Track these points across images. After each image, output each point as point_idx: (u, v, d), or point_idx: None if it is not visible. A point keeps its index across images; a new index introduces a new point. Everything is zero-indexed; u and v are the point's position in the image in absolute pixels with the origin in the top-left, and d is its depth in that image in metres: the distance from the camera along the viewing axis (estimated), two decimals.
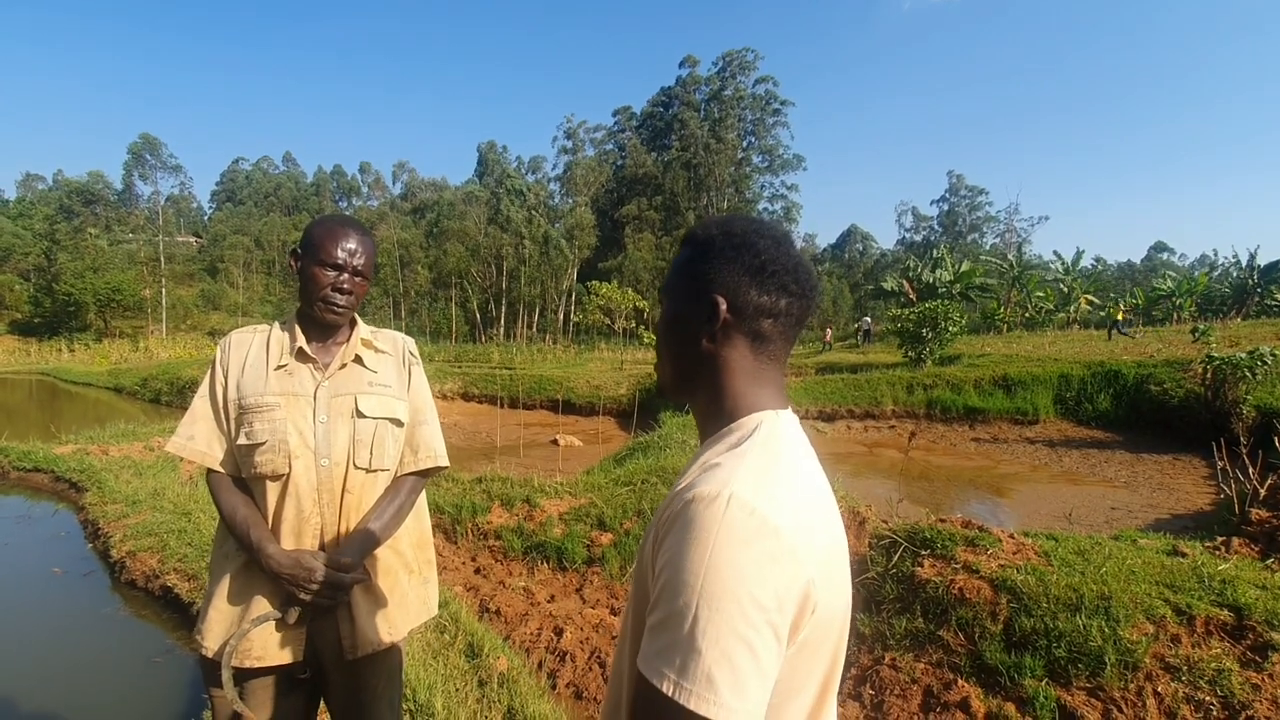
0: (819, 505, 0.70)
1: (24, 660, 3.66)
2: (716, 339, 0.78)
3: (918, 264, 32.00)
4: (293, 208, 71.08)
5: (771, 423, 0.74)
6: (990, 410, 12.00)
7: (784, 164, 57.67)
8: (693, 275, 0.81)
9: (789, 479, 0.68)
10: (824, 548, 0.66)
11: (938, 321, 14.73)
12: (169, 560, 4.56)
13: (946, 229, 62.84)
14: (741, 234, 0.80)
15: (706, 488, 0.63)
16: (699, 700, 0.56)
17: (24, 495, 7.07)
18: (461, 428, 12.71)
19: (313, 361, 1.51)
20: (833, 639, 0.69)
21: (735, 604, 0.57)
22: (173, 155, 54.82)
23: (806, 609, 0.62)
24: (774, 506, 0.62)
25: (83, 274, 44.58)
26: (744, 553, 0.59)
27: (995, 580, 3.35)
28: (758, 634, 0.58)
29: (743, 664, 0.57)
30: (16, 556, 5.29)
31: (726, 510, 0.61)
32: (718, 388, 0.78)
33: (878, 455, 10.49)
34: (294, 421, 1.45)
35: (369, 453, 1.50)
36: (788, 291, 0.78)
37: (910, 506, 6.30)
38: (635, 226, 51.71)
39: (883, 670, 3.21)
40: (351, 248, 1.49)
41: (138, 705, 3.27)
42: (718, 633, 0.57)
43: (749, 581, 0.58)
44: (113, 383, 21.79)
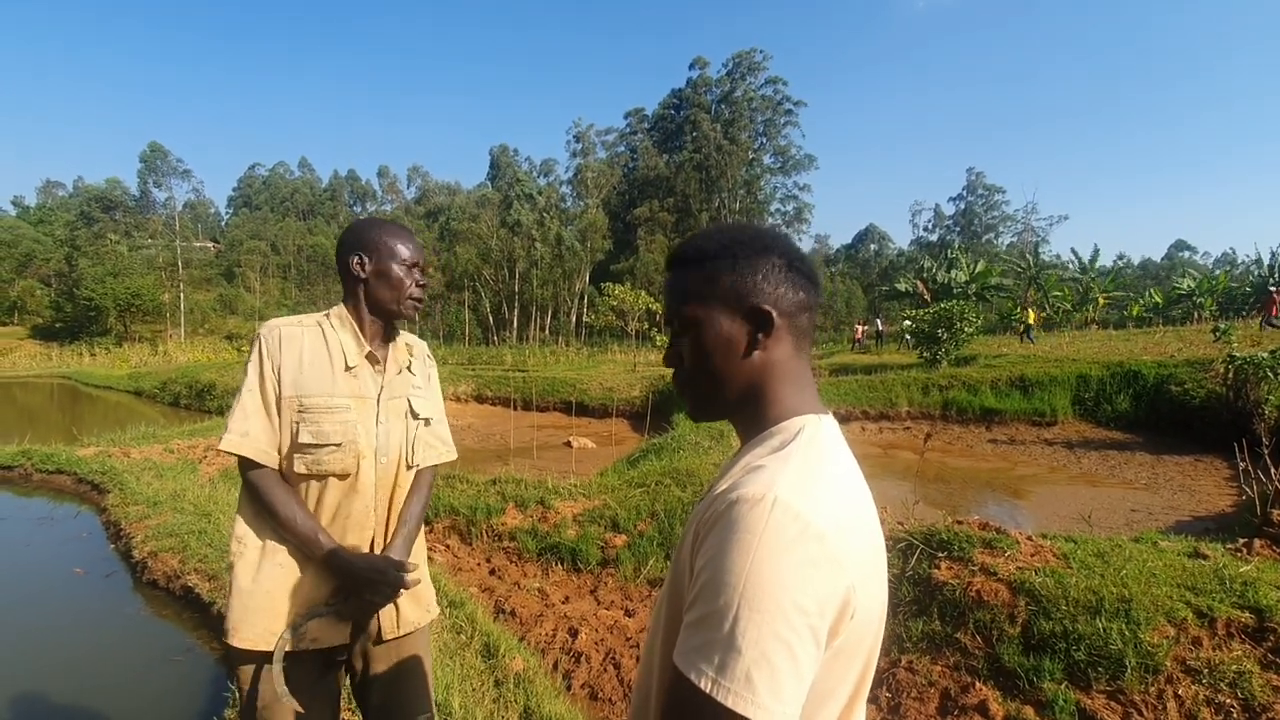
0: (860, 509, 0.70)
1: (48, 659, 3.72)
2: (768, 348, 0.77)
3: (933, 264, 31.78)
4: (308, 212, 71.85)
5: (814, 426, 0.74)
6: (1007, 411, 11.87)
7: (796, 164, 57.50)
8: (727, 291, 0.77)
9: (831, 483, 0.68)
10: (864, 552, 0.66)
11: (953, 322, 14.61)
12: (190, 561, 4.62)
13: (963, 228, 62.37)
14: (756, 234, 0.79)
15: (751, 489, 0.63)
16: (736, 698, 0.56)
17: (47, 497, 7.19)
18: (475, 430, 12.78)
19: (378, 364, 1.58)
20: (868, 643, 0.69)
21: (777, 606, 0.58)
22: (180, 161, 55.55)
23: (846, 614, 0.62)
24: (817, 511, 0.62)
25: (103, 279, 45.32)
26: (787, 556, 0.59)
27: (1013, 583, 3.32)
28: (798, 637, 0.58)
29: (782, 666, 0.57)
30: (40, 557, 5.39)
31: (771, 513, 0.61)
32: (763, 393, 0.77)
33: (893, 457, 10.42)
34: (362, 422, 1.52)
35: (414, 451, 1.61)
36: (813, 280, 0.79)
37: (926, 508, 6.25)
38: (648, 228, 51.76)
39: (899, 673, 3.19)
40: (419, 249, 1.62)
41: (159, 703, 3.31)
42: (758, 634, 0.57)
43: (791, 585, 0.58)
44: (133, 386, 22.11)
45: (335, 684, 1.60)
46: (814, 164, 57.68)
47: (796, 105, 56.42)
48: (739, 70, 56.16)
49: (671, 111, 59.84)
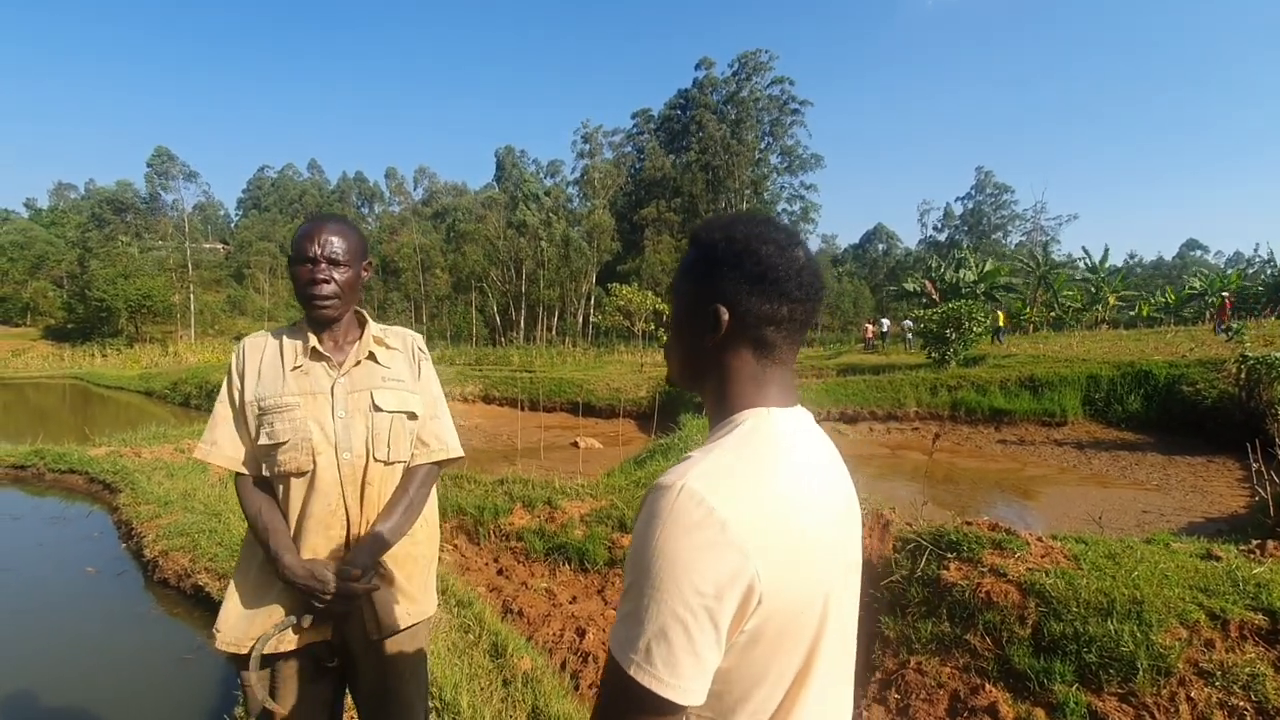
0: (798, 501, 0.71)
1: (60, 657, 3.76)
2: (721, 345, 0.80)
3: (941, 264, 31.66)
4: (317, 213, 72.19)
5: (758, 419, 0.76)
6: (1016, 412, 11.81)
7: (802, 164, 57.41)
8: (696, 281, 0.82)
9: (758, 474, 0.70)
10: (786, 542, 0.68)
11: (962, 322, 14.54)
12: (200, 560, 4.65)
13: (971, 228, 62.06)
14: (744, 240, 0.79)
15: (667, 478, 0.68)
16: (637, 669, 0.62)
17: (60, 496, 7.26)
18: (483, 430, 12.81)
19: (326, 360, 1.55)
20: (805, 634, 0.70)
21: (675, 587, 0.62)
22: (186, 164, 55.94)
23: (750, 601, 0.64)
24: (725, 499, 0.65)
25: (114, 280, 45.70)
26: (687, 540, 0.63)
27: (1023, 584, 3.30)
28: (694, 617, 0.62)
29: (677, 642, 0.62)
30: (53, 556, 5.43)
31: (677, 499, 0.64)
32: (721, 389, 0.81)
33: (901, 457, 10.38)
34: (315, 418, 1.50)
35: (386, 446, 1.55)
36: (790, 298, 0.79)
37: (935, 509, 6.21)
38: (654, 229, 51.77)
39: (908, 674, 3.18)
40: (323, 239, 1.51)
41: (169, 700, 3.34)
42: (658, 611, 0.62)
43: (690, 568, 0.62)
44: (144, 386, 22.30)
45: (328, 689, 1.58)
46: (821, 163, 57.58)
47: (803, 105, 56.35)
48: (745, 70, 56.10)
49: (678, 112, 59.83)
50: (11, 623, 4.20)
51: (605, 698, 0.67)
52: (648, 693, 0.62)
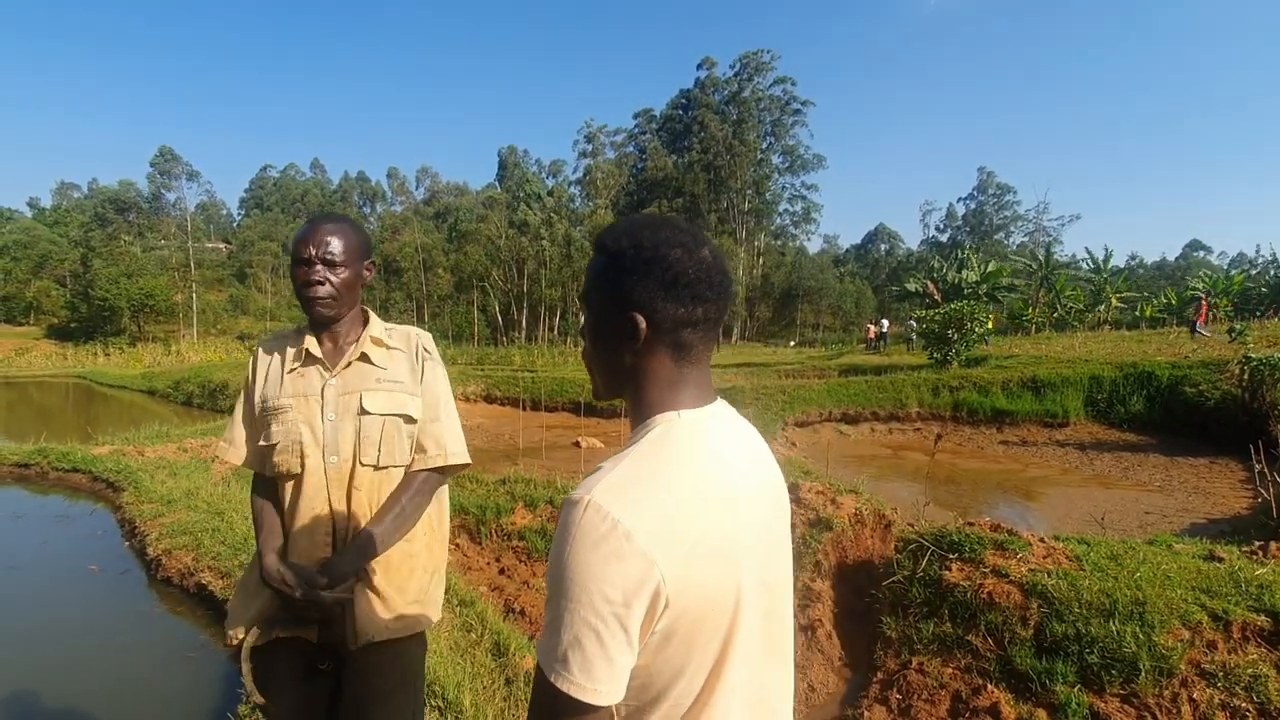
0: (704, 502, 0.74)
1: (64, 655, 3.77)
2: (639, 352, 0.81)
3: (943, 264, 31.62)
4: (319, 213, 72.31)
5: (668, 425, 0.78)
6: (1018, 412, 11.78)
7: (804, 164, 57.41)
8: (609, 290, 0.82)
9: (662, 480, 0.72)
10: (694, 545, 0.70)
11: (964, 323, 14.52)
12: (203, 558, 4.66)
13: (973, 228, 62.01)
14: (651, 246, 0.80)
15: (577, 492, 0.71)
16: (557, 677, 0.66)
17: (63, 495, 7.27)
18: (485, 430, 12.81)
19: (320, 362, 1.54)
20: (719, 627, 0.73)
21: (586, 597, 0.65)
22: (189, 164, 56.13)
23: (658, 604, 0.68)
24: (630, 512, 0.68)
25: (117, 280, 45.76)
26: (594, 553, 0.66)
27: (1025, 584, 3.30)
28: (604, 624, 0.65)
29: (590, 648, 0.65)
30: (56, 554, 5.45)
31: (585, 514, 0.68)
32: (639, 395, 0.83)
33: (903, 458, 10.38)
34: (306, 421, 1.50)
35: (376, 450, 1.51)
36: (703, 299, 0.80)
37: (937, 510, 6.22)
38: None
39: (910, 675, 3.18)
40: (318, 239, 1.50)
41: (173, 698, 3.35)
42: (571, 620, 0.66)
43: (598, 578, 0.66)
44: (146, 386, 22.34)
45: (322, 690, 1.55)
46: (822, 164, 57.63)
47: (804, 105, 56.39)
48: (747, 71, 56.15)
49: (680, 112, 59.86)
50: (16, 620, 4.21)
51: (534, 703, 0.70)
52: (569, 697, 0.66)
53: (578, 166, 59.72)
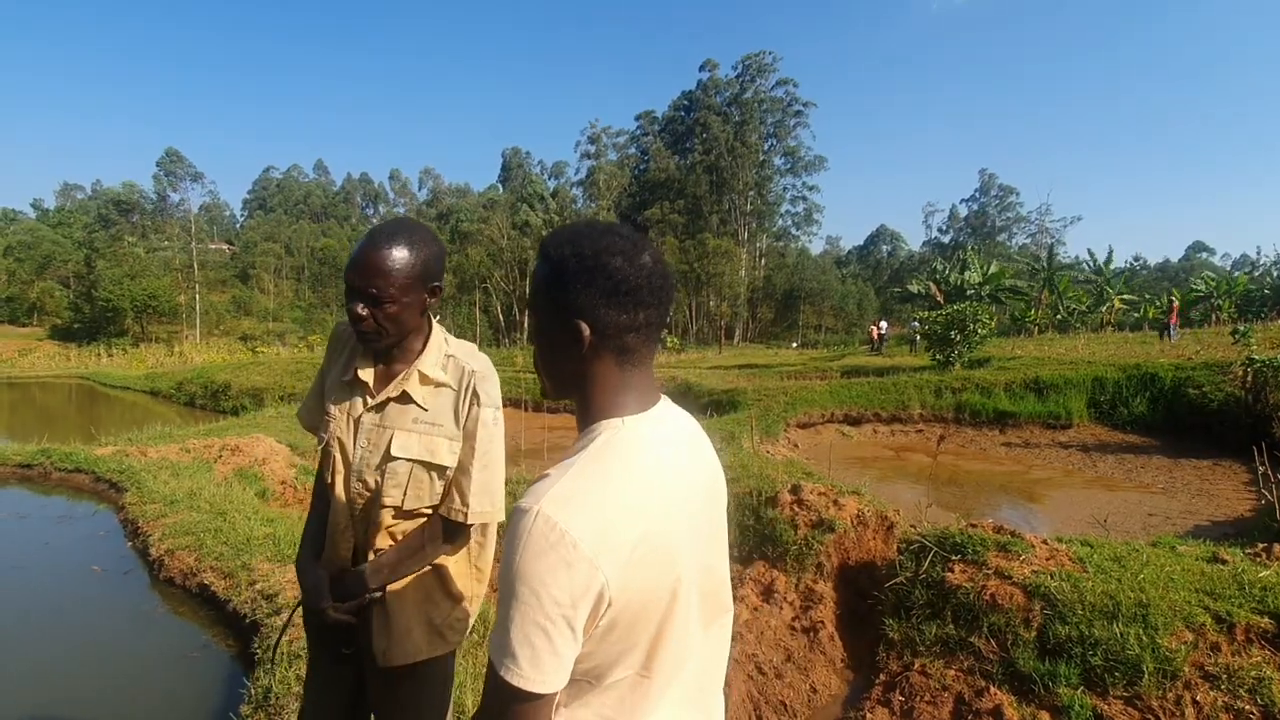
0: (645, 507, 0.78)
1: (67, 655, 3.77)
2: (584, 359, 0.84)
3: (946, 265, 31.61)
4: (321, 214, 72.46)
5: (611, 432, 0.82)
6: (1021, 414, 11.75)
7: (806, 165, 57.40)
8: (553, 298, 0.85)
9: (605, 489, 0.77)
10: (635, 549, 0.76)
11: (966, 324, 14.50)
12: (205, 559, 4.66)
13: (976, 229, 61.98)
14: (593, 255, 0.82)
15: (526, 501, 0.75)
16: (507, 671, 0.71)
17: (66, 495, 7.28)
18: None
19: (365, 387, 1.47)
20: (656, 615, 0.79)
21: (536, 600, 0.71)
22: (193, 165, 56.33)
23: (601, 604, 0.74)
24: (575, 520, 0.72)
25: (120, 281, 45.90)
26: (543, 560, 0.71)
27: (1028, 586, 3.29)
28: (553, 624, 0.71)
29: (540, 645, 0.71)
30: (58, 555, 5.46)
31: (535, 523, 0.72)
32: (585, 399, 0.87)
33: (905, 459, 10.36)
34: (340, 437, 1.48)
35: (401, 493, 1.44)
36: (644, 305, 0.84)
37: (939, 511, 6.21)
38: (658, 230, 51.78)
39: (912, 676, 3.17)
40: (366, 269, 1.35)
41: (175, 698, 3.35)
42: (522, 621, 0.71)
43: (548, 583, 0.70)
44: (149, 386, 22.39)
45: (350, 673, 1.56)
46: (824, 165, 57.63)
47: (806, 106, 56.41)
48: (749, 72, 56.19)
49: (681, 113, 59.92)
50: (19, 621, 4.22)
51: (486, 696, 0.76)
52: (518, 689, 0.71)
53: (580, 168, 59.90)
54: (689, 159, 56.23)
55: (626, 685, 0.81)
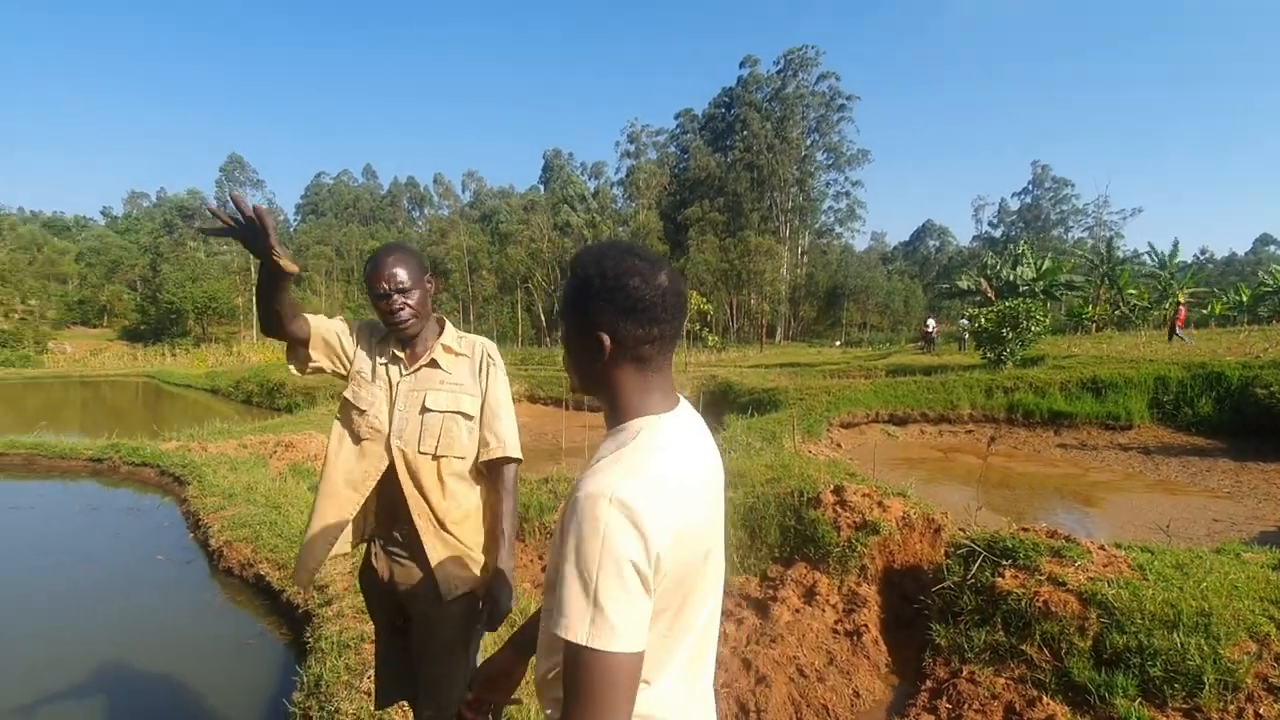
0: (685, 490, 0.91)
1: (133, 641, 3.98)
2: (607, 365, 0.96)
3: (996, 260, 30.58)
4: (370, 218, 74.36)
5: (650, 428, 0.94)
6: (1078, 415, 11.30)
7: (849, 160, 56.34)
8: (579, 310, 0.98)
9: (657, 475, 0.88)
10: (678, 524, 0.88)
11: (1019, 321, 14.02)
12: (261, 550, 4.85)
13: (1029, 223, 59.82)
14: (614, 275, 0.93)
15: (592, 488, 0.84)
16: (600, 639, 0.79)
17: (133, 488, 7.67)
18: (528, 429, 12.99)
19: (401, 362, 1.82)
20: (687, 581, 0.92)
21: (617, 570, 0.81)
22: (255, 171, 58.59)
23: (660, 569, 0.85)
24: (639, 499, 0.83)
25: (183, 284, 48.00)
26: (621, 536, 0.81)
27: (1084, 593, 3.18)
28: (636, 589, 0.82)
29: (628, 610, 0.81)
30: (126, 545, 5.75)
31: (607, 506, 0.82)
32: (612, 398, 0.99)
33: (954, 460, 10.09)
34: (379, 403, 1.80)
35: (436, 440, 1.77)
36: (659, 321, 0.95)
37: (989, 514, 6.03)
38: (699, 229, 51.55)
39: (960, 684, 3.10)
40: (390, 273, 1.74)
41: (233, 684, 3.50)
42: (609, 592, 0.80)
43: (626, 555, 0.81)
44: (209, 385, 23.34)
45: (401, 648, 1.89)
46: (868, 158, 56.46)
47: (850, 100, 55.33)
48: (791, 67, 55.42)
49: (722, 110, 59.48)
50: (90, 608, 4.47)
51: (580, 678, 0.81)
52: (617, 654, 0.80)
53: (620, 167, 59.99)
54: (729, 156, 55.78)
55: (656, 638, 0.90)
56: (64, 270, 59.64)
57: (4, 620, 4.27)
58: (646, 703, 0.93)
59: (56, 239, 64.70)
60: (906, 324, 47.40)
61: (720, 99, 59.95)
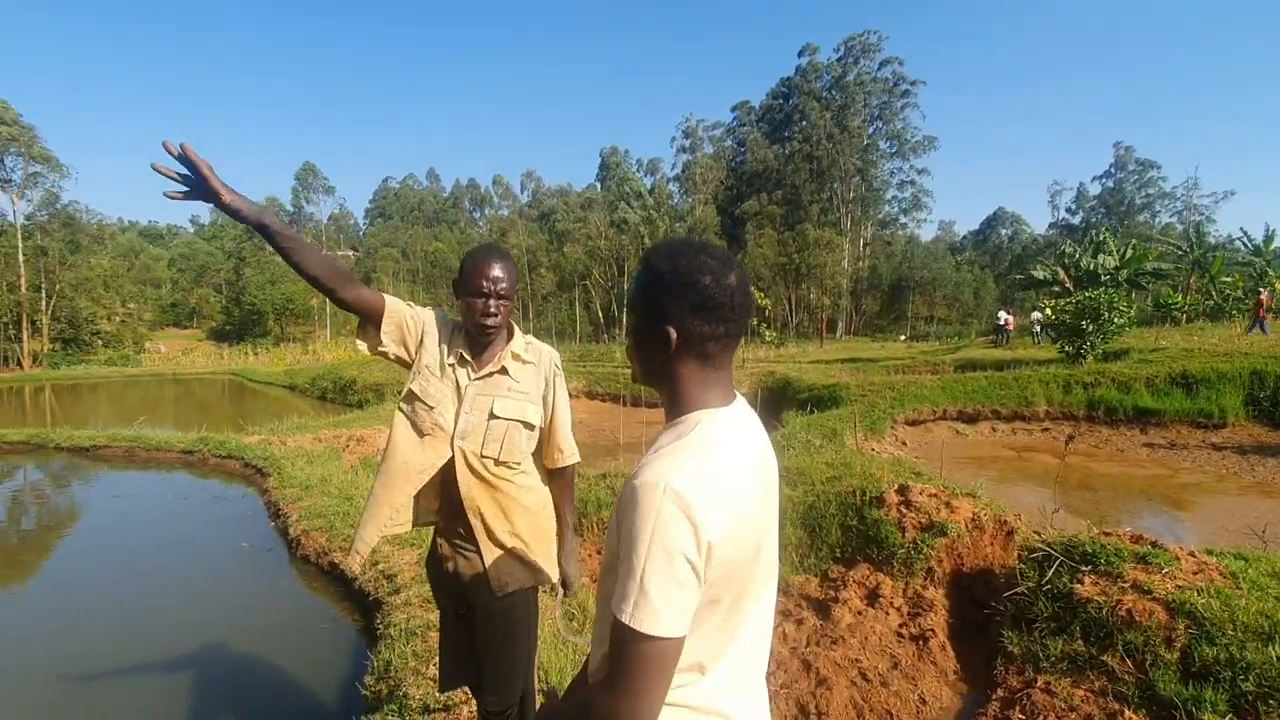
0: (741, 484, 0.94)
1: (222, 623, 4.24)
2: (670, 358, 0.99)
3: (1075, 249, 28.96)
4: (433, 219, 76.64)
5: (709, 421, 0.97)
6: (1166, 412, 10.60)
7: (913, 147, 54.41)
8: (649, 304, 1.00)
9: (714, 467, 0.90)
10: (730, 516, 0.90)
11: (1100, 313, 13.24)
12: (334, 540, 5.09)
13: (1110, 209, 56.39)
14: (686, 272, 0.96)
15: (649, 477, 0.88)
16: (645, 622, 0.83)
17: (220, 479, 8.17)
18: (586, 425, 13.13)
19: (470, 365, 1.84)
20: (739, 574, 0.94)
21: (667, 558, 0.84)
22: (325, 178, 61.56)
23: (712, 560, 0.88)
24: (695, 490, 0.86)
25: (263, 286, 50.71)
26: (675, 525, 0.84)
27: (1171, 602, 2.98)
28: (685, 577, 0.85)
29: (676, 596, 0.85)
30: (214, 533, 6.13)
31: (663, 495, 0.85)
32: (673, 390, 1.01)
33: (1028, 460, 9.63)
34: (446, 403, 1.82)
35: (499, 446, 1.81)
36: (726, 320, 0.98)
37: (1067, 517, 5.73)
38: (756, 222, 50.86)
39: (1035, 694, 2.96)
40: (494, 275, 1.76)
41: (310, 666, 3.68)
42: (657, 578, 0.84)
43: (680, 544, 0.85)
44: (288, 381, 24.60)
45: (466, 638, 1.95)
46: (934, 145, 54.41)
47: (914, 85, 53.42)
48: (852, 54, 53.95)
49: (780, 101, 58.48)
50: (185, 591, 4.80)
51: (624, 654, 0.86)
52: (660, 637, 0.84)
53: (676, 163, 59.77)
54: (787, 148, 54.76)
55: (712, 630, 0.94)
56: (158, 275, 64.13)
57: (113, 598, 4.65)
58: (701, 693, 0.96)
59: (151, 246, 69.51)
60: (977, 317, 45.52)
61: (778, 90, 58.97)
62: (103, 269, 40.81)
